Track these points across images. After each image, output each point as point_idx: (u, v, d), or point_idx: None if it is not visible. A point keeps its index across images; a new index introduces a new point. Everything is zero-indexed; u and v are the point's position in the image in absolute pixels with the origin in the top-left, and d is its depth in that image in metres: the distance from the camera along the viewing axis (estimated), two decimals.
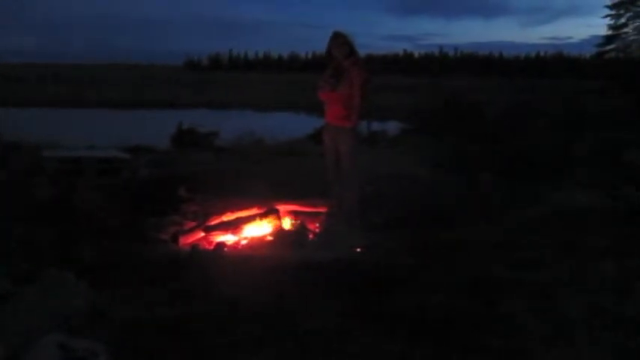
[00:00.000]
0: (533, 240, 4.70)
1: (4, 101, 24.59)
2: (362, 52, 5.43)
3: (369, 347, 2.77)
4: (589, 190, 6.30)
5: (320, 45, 5.43)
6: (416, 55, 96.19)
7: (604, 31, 37.27)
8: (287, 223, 5.14)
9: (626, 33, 36.30)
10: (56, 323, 2.53)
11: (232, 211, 5.11)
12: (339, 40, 5.09)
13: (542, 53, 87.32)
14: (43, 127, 13.50)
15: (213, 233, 4.86)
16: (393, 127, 14.82)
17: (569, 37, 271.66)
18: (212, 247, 4.61)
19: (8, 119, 15.24)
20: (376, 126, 12.81)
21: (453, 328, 2.95)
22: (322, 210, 5.26)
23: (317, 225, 5.11)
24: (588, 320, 3.07)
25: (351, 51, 5.08)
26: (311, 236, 4.90)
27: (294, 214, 5.27)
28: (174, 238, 4.71)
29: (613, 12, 36.45)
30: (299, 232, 4.92)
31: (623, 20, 36.35)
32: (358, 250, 4.58)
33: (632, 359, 2.67)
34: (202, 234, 4.86)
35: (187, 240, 4.72)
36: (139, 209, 5.40)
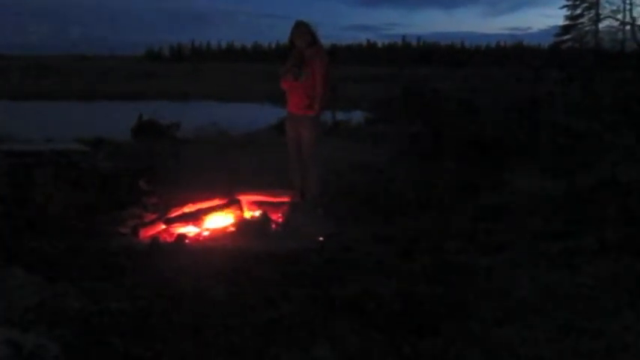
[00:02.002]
0: (491, 225, 4.81)
1: None
2: (326, 43, 5.44)
3: (329, 335, 2.78)
4: (549, 175, 6.51)
5: (283, 35, 5.40)
6: (379, 45, 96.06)
7: (562, 21, 38.31)
8: (249, 214, 5.11)
9: (582, 23, 37.32)
10: (5, 319, 2.46)
11: (193, 202, 5.06)
12: (302, 29, 5.09)
13: (502, 43, 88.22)
14: None
15: (174, 225, 4.79)
16: (357, 116, 14.86)
17: (529, 28, 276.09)
18: (173, 239, 4.55)
19: None
20: (340, 115, 12.84)
21: (409, 314, 2.99)
22: (285, 200, 5.25)
23: (280, 215, 5.11)
24: (539, 301, 3.17)
25: (313, 40, 5.08)
26: (274, 226, 4.89)
27: (257, 205, 5.25)
28: (135, 231, 4.63)
29: (569, 3, 37.42)
30: (262, 222, 4.90)
31: (579, 11, 37.34)
32: (320, 239, 4.60)
33: (580, 337, 2.77)
34: (163, 226, 4.79)
35: (148, 232, 4.65)
36: (98, 202, 5.28)
